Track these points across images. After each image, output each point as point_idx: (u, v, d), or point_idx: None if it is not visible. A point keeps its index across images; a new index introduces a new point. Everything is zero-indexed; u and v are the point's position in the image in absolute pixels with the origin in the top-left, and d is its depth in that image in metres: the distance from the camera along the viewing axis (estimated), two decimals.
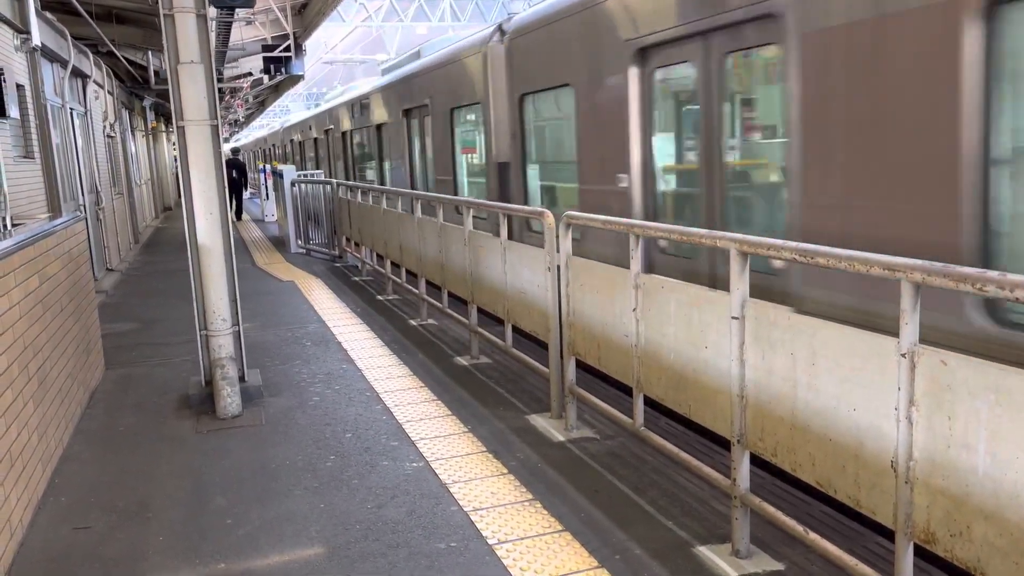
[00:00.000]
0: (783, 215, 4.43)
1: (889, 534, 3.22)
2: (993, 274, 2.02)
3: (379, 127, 13.47)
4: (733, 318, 2.98)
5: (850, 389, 2.52)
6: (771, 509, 2.95)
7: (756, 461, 3.40)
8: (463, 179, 9.68)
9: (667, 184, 5.65)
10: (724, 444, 4.21)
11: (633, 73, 5.68)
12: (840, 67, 3.90)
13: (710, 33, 4.91)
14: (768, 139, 4.73)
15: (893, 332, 2.35)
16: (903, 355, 2.30)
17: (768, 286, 4.51)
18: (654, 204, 5.76)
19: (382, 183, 13.66)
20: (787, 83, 4.23)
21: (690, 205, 5.41)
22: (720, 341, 3.13)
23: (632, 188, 5.81)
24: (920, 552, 2.75)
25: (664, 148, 5.66)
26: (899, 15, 3.54)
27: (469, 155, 9.56)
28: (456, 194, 9.63)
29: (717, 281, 4.99)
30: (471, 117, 9.17)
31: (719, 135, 5.01)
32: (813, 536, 2.77)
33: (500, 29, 8.18)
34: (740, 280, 2.95)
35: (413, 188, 11.74)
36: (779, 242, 2.77)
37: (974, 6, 3.22)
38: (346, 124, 16.22)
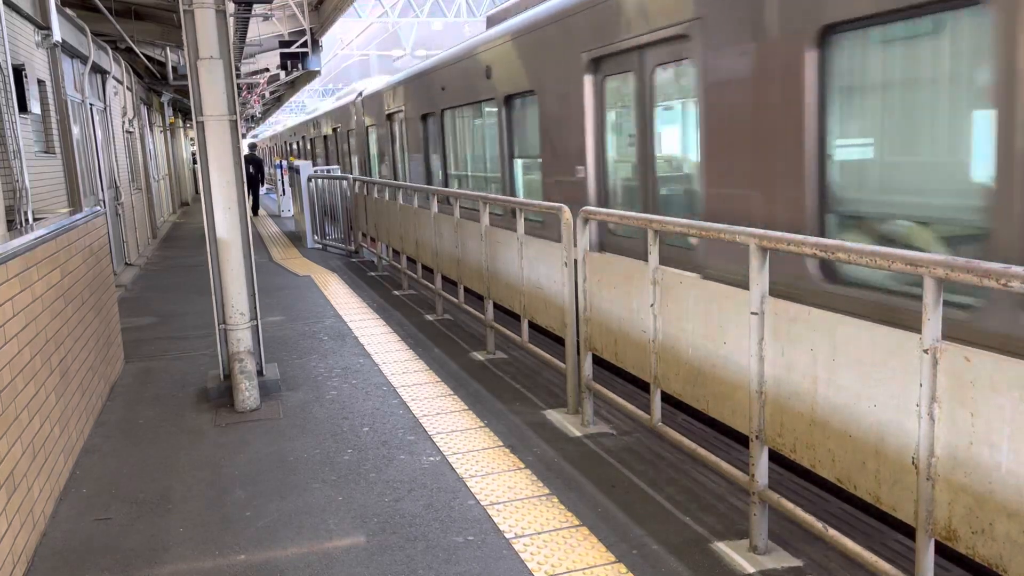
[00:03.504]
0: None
1: (909, 531, 3.20)
2: (1018, 269, 2.00)
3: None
4: (752, 314, 2.97)
5: (871, 385, 2.51)
6: (790, 505, 2.94)
7: (774, 457, 3.40)
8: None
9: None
10: (742, 440, 4.21)
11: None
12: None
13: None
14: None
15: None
16: (925, 351, 2.28)
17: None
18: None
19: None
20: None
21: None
22: (739, 337, 3.12)
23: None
24: (941, 549, 2.73)
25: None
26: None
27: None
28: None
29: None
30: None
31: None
32: (832, 532, 2.75)
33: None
34: (759, 276, 2.94)
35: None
36: (799, 237, 2.75)
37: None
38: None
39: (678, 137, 5.66)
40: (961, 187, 3.48)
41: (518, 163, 8.47)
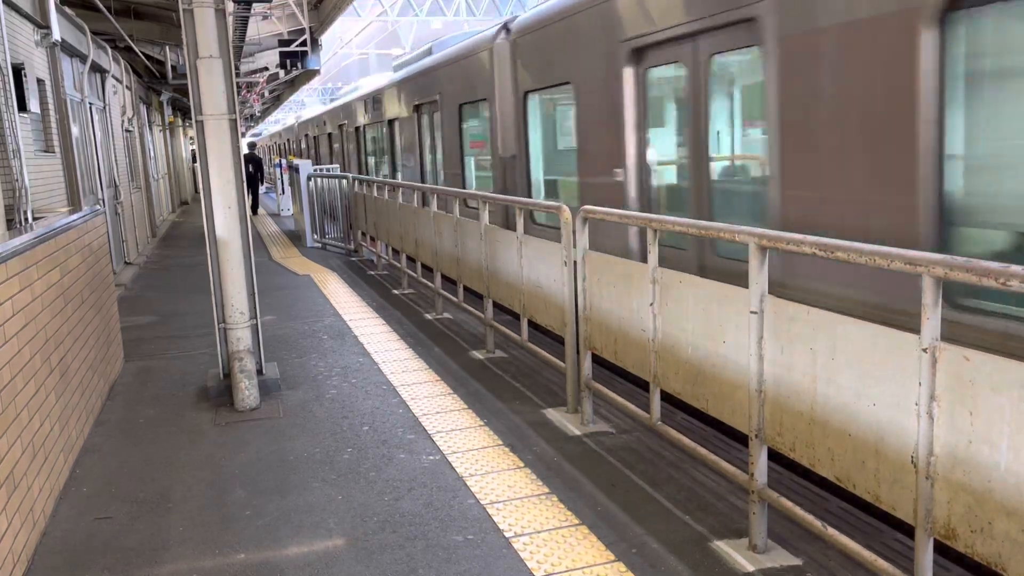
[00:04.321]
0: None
1: (909, 530, 3.20)
2: (1017, 268, 2.00)
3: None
4: (752, 313, 2.97)
5: (870, 384, 2.51)
6: (789, 504, 2.94)
7: (773, 456, 3.40)
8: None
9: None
10: (741, 439, 4.21)
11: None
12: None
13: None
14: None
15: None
16: (924, 350, 2.28)
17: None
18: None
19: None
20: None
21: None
22: (739, 336, 3.12)
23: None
24: (940, 548, 2.74)
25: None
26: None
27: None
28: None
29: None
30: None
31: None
32: (831, 531, 2.76)
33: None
34: (759, 274, 2.94)
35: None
36: (798, 236, 2.76)
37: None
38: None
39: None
40: None
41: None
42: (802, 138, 4.30)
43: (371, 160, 16.45)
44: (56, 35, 8.78)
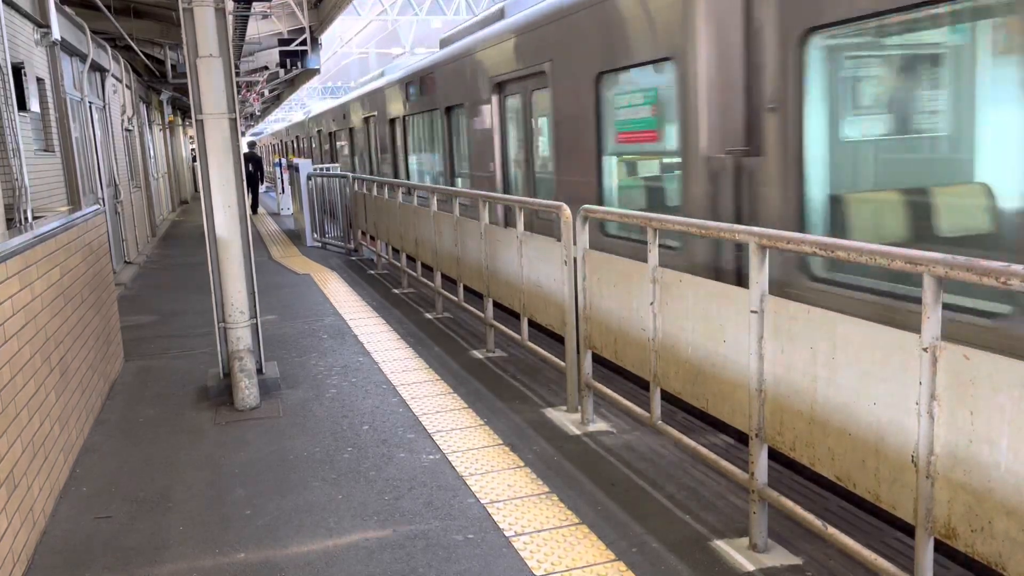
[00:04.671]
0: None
1: (909, 529, 3.20)
2: (1017, 267, 2.00)
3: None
4: (752, 312, 2.97)
5: (870, 383, 2.51)
6: (789, 503, 2.94)
7: (774, 455, 3.40)
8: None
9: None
10: (741, 438, 4.21)
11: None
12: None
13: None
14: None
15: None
16: (925, 349, 2.28)
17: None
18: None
19: None
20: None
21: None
22: (738, 335, 3.12)
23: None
24: (940, 547, 2.74)
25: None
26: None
27: None
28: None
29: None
30: None
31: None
32: (832, 530, 2.76)
33: None
34: (759, 274, 2.94)
35: None
36: (798, 235, 2.76)
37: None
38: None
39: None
40: None
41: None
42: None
43: (414, 162, 12.26)
44: (56, 34, 8.78)
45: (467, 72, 9.10)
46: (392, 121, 13.18)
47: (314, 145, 23.90)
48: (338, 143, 19.38)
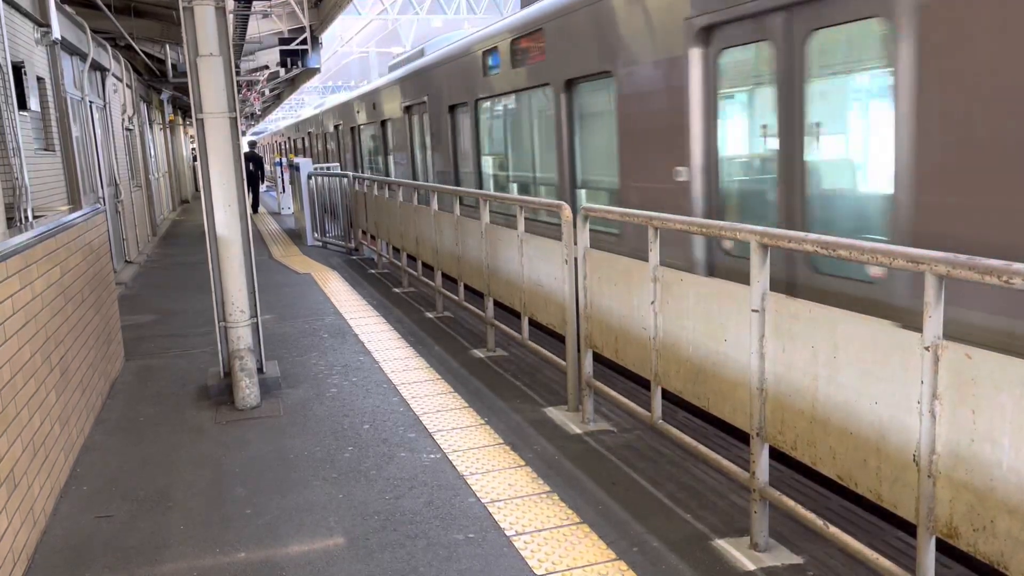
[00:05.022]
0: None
1: (911, 528, 3.20)
2: (1019, 266, 2.00)
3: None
4: (753, 311, 2.97)
5: (872, 382, 2.50)
6: (790, 502, 2.94)
7: (775, 454, 3.39)
8: None
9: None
10: (742, 437, 4.20)
11: None
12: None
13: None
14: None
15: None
16: (926, 348, 2.28)
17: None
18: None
19: None
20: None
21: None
22: (739, 334, 3.11)
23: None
24: (942, 547, 2.73)
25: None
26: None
27: None
28: None
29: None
30: None
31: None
32: (833, 530, 2.75)
33: None
34: (760, 272, 2.94)
35: None
36: (800, 234, 2.75)
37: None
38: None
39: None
40: None
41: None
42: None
43: (490, 165, 9.39)
44: (56, 33, 8.77)
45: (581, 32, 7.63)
46: (452, 109, 10.17)
47: (330, 146, 20.33)
48: (358, 142, 16.15)
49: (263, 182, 25.88)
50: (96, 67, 12.07)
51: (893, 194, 3.74)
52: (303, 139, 27.11)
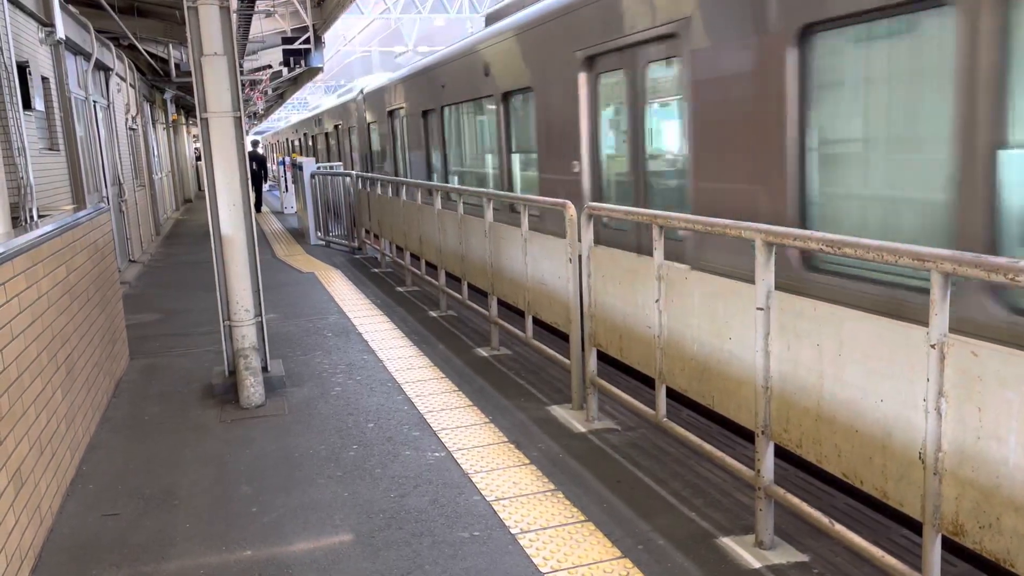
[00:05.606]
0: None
1: (916, 526, 3.20)
2: None
3: None
4: (758, 309, 2.97)
5: (877, 380, 2.50)
6: (795, 500, 2.94)
7: (780, 452, 3.39)
8: None
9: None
10: (747, 435, 4.20)
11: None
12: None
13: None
14: None
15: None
16: (932, 346, 2.28)
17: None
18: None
19: None
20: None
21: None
22: (745, 332, 3.12)
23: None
24: (948, 544, 2.73)
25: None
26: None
27: None
28: None
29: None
30: None
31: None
32: (838, 527, 2.76)
33: None
34: (765, 271, 2.94)
35: None
36: (805, 232, 2.75)
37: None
38: None
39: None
40: None
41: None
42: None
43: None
44: (60, 33, 8.78)
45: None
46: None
47: (351, 143, 17.17)
48: (400, 139, 12.76)
49: (267, 182, 25.87)
50: (100, 67, 12.08)
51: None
52: (319, 136, 23.26)
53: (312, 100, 46.89)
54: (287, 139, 32.35)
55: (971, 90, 3.28)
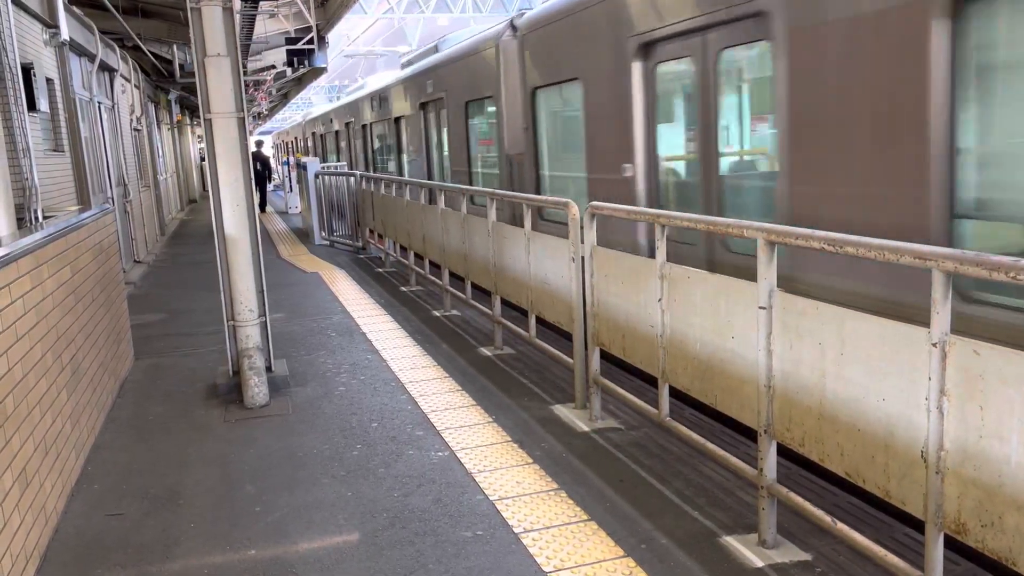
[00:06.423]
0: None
1: (919, 525, 3.20)
2: None
3: None
4: (760, 308, 2.97)
5: (879, 379, 2.50)
6: (798, 499, 2.94)
7: (782, 451, 3.39)
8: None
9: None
10: (750, 434, 4.20)
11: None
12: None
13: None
14: None
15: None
16: (934, 345, 2.28)
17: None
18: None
19: None
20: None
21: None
22: (747, 331, 3.12)
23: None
24: (950, 543, 2.73)
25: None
26: None
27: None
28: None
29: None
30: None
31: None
32: (841, 526, 2.76)
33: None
34: (767, 270, 2.94)
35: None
36: (807, 231, 2.75)
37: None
38: None
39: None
40: None
41: None
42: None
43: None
44: (64, 34, 8.81)
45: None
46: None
47: (373, 143, 15.54)
48: (462, 142, 10.18)
49: (270, 181, 25.87)
50: (104, 68, 12.11)
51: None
52: (336, 134, 20.17)
53: (316, 100, 46.92)
54: (314, 133, 26.12)
55: None
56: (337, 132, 20.10)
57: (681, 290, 3.55)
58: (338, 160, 19.68)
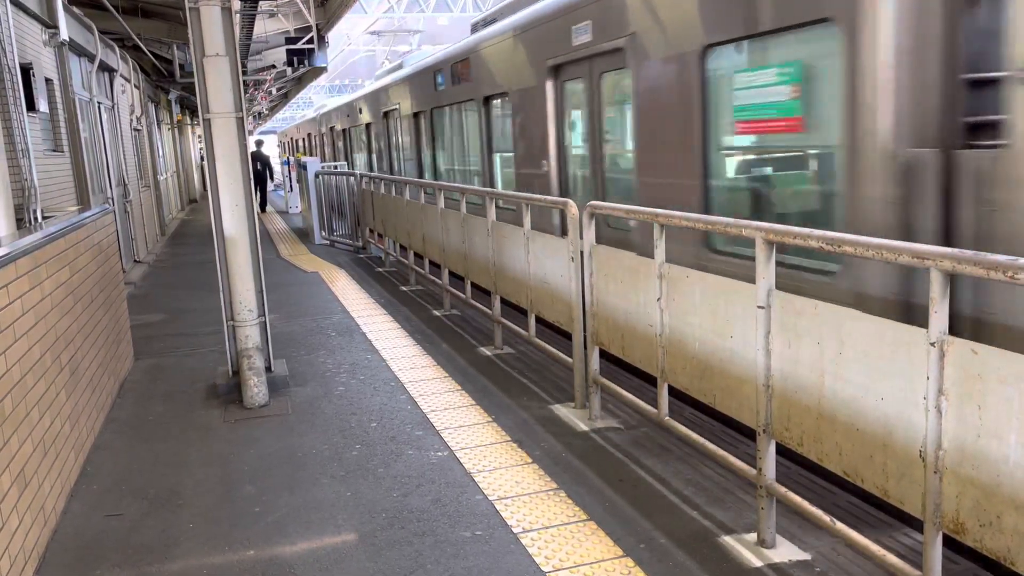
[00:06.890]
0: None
1: (917, 524, 3.20)
2: None
3: None
4: (759, 307, 2.97)
5: (878, 379, 2.50)
6: (797, 499, 2.94)
7: (782, 451, 3.39)
8: None
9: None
10: (749, 434, 4.20)
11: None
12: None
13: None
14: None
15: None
16: (932, 344, 2.28)
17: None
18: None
19: None
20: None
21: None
22: (746, 330, 3.11)
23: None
24: (949, 542, 2.73)
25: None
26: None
27: None
28: None
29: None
30: None
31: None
32: (840, 526, 2.75)
33: None
34: (766, 269, 2.93)
35: None
36: (805, 231, 2.75)
37: None
38: None
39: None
40: None
41: None
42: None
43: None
44: (64, 35, 8.81)
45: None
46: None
47: (398, 145, 13.15)
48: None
49: (271, 181, 25.87)
50: (104, 68, 12.12)
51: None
52: (352, 130, 17.98)
53: (316, 99, 46.93)
54: (331, 128, 21.74)
55: None
56: (368, 125, 15.78)
57: (680, 289, 3.55)
58: (378, 167, 14.88)
